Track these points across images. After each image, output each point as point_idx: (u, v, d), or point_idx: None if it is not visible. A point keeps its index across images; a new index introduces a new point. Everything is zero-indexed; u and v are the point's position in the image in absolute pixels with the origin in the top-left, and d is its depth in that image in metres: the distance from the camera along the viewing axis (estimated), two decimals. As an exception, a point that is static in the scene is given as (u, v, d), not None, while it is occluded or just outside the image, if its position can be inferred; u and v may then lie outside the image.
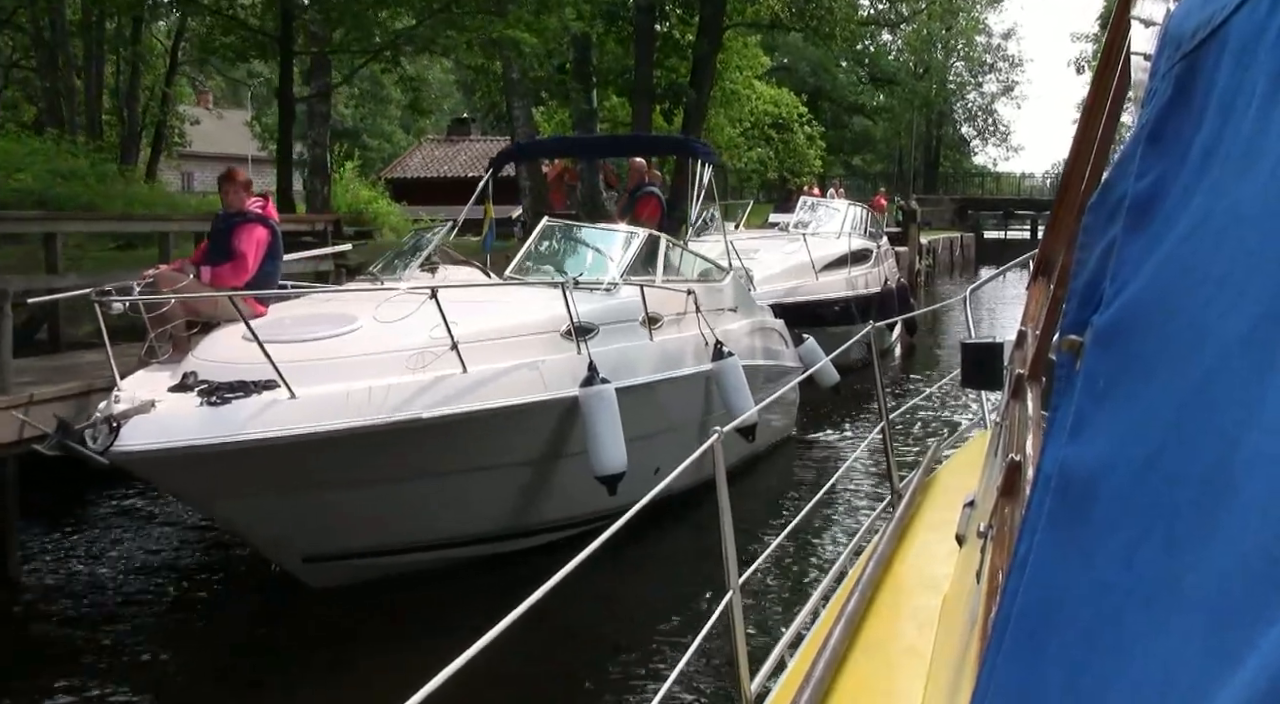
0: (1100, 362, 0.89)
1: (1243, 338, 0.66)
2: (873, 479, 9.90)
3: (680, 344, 8.39)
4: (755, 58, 32.96)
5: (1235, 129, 0.77)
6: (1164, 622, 0.65)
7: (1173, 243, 0.83)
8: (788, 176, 36.89)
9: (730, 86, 30.99)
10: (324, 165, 28.19)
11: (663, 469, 8.29)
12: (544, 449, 7.10)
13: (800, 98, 40.07)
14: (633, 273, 8.55)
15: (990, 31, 66.20)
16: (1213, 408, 0.68)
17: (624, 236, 8.64)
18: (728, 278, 9.91)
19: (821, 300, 14.75)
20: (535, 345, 6.99)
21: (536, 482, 7.25)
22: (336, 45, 17.17)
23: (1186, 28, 0.91)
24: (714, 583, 4.74)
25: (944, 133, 66.12)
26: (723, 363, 8.60)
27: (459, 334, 6.49)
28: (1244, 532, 0.58)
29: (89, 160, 23.44)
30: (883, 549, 4.02)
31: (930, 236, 37.48)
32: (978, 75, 67.63)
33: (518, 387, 6.64)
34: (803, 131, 38.07)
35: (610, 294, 7.92)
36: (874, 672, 3.13)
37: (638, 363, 7.74)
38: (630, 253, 8.36)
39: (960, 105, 68.42)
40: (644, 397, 7.70)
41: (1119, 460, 0.81)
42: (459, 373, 6.37)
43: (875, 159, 64.20)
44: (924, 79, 57.95)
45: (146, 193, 25.43)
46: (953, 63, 64.41)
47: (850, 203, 19.36)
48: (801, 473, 10.71)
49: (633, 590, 7.26)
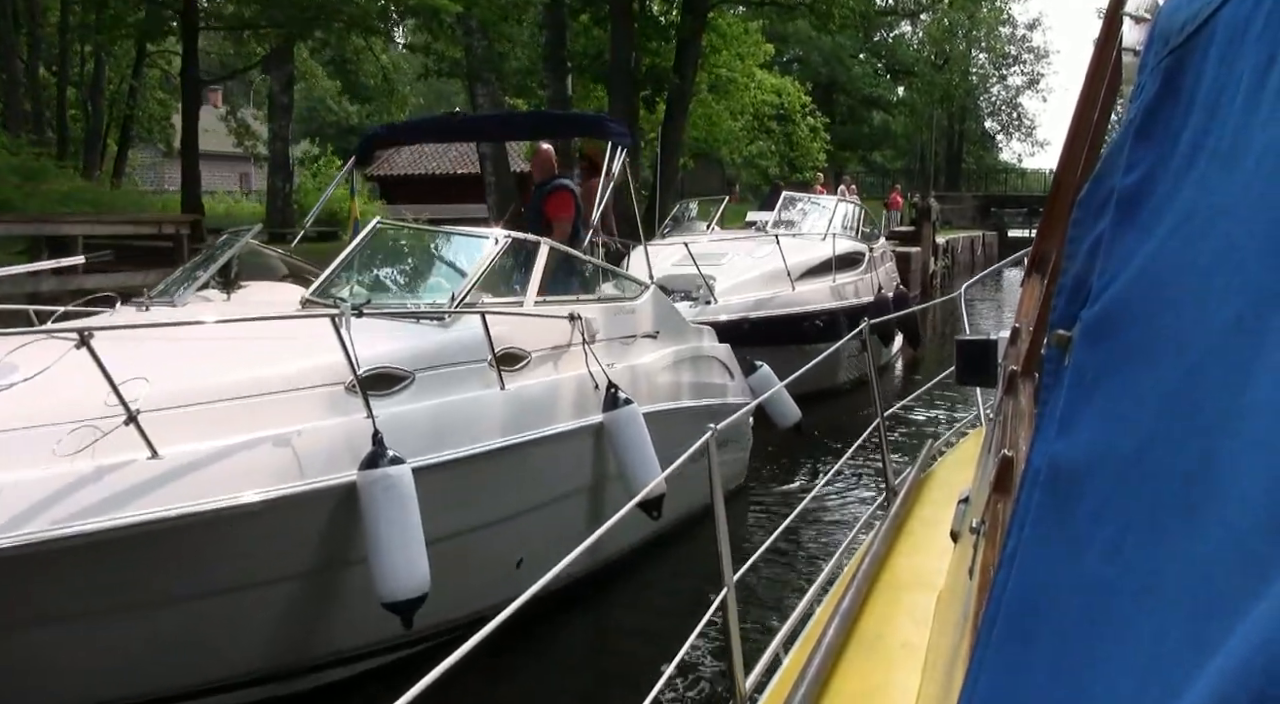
0: (1088, 356, 0.91)
1: (1228, 331, 0.67)
2: (868, 476, 9.56)
3: (551, 391, 6.16)
4: (757, 44, 30.53)
5: (1222, 123, 0.78)
6: (1148, 613, 0.66)
7: (1160, 237, 0.84)
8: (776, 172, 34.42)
9: (728, 74, 28.66)
10: (286, 161, 26.18)
11: (528, 560, 6.12)
12: (310, 560, 4.88)
13: (806, 87, 37.58)
14: (495, 292, 6.35)
15: (1014, 22, 63.79)
16: (1198, 401, 0.69)
17: (479, 244, 6.40)
18: (644, 296, 7.66)
19: (796, 314, 12.44)
20: (299, 406, 4.79)
21: (305, 604, 5.02)
22: (246, 21, 15.07)
23: (1175, 22, 0.93)
24: (709, 579, 4.68)
25: (966, 128, 63.62)
26: (616, 414, 6.37)
27: (163, 393, 4.33)
28: (1227, 524, 0.59)
29: (22, 157, 21.39)
30: (878, 546, 4.09)
31: (950, 235, 35.36)
32: (1001, 68, 65.25)
33: (250, 471, 4.43)
34: (805, 123, 35.44)
35: (444, 326, 5.71)
36: (869, 668, 3.15)
37: (474, 422, 5.53)
38: (482, 267, 6.13)
39: (984, 99, 66.02)
40: (483, 470, 5.50)
41: (1106, 454, 0.82)
42: (144, 458, 4.18)
43: (896, 155, 61.87)
44: (943, 70, 55.38)
45: (95, 193, 23.49)
46: (975, 55, 61.98)
47: (840, 199, 16.94)
48: (797, 469, 10.13)
49: (626, 586, 6.98)
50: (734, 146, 31.79)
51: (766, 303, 12.21)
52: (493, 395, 5.70)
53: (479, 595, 5.68)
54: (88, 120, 31.93)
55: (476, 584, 5.68)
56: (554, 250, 6.82)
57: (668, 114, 22.03)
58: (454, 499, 5.42)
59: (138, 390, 4.16)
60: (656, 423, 6.88)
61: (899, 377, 16.53)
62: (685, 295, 12.09)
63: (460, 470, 5.31)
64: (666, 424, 7.15)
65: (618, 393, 6.41)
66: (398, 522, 4.66)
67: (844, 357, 13.92)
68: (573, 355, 6.46)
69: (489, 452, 5.47)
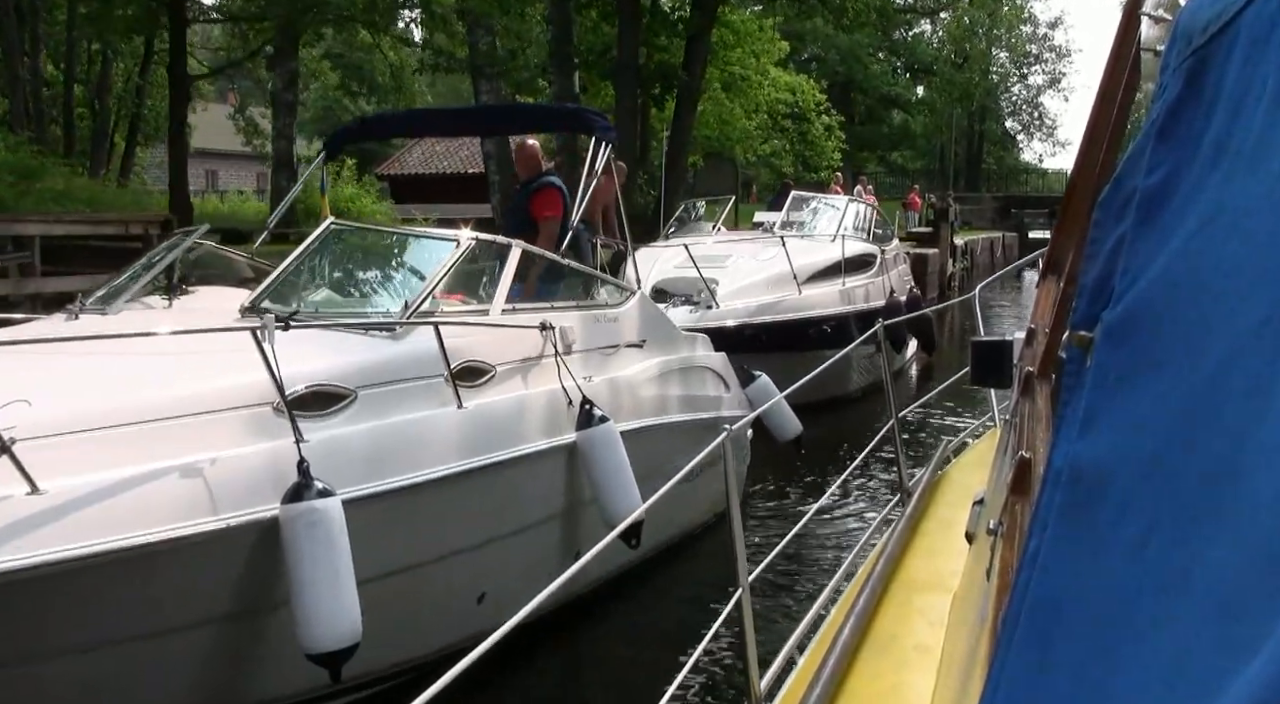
0: (1110, 356, 0.91)
1: (1252, 332, 0.67)
2: (883, 477, 9.45)
3: (517, 408, 5.61)
4: (771, 41, 29.90)
5: (1245, 124, 0.78)
6: (1174, 615, 0.66)
7: (1183, 238, 0.84)
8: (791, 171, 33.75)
9: (741, 72, 28.04)
10: (289, 159, 25.72)
11: (492, 595, 5.56)
12: (226, 606, 4.33)
13: (821, 85, 36.83)
14: (459, 299, 5.81)
15: (1036, 20, 62.97)
16: (1222, 402, 0.69)
17: (443, 247, 5.84)
18: (629, 302, 7.09)
19: (803, 319, 11.85)
20: (219, 430, 4.24)
21: (223, 653, 4.46)
22: (236, 12, 14.58)
23: (1198, 22, 0.92)
24: (724, 580, 4.69)
25: (987, 127, 62.81)
26: (590, 433, 5.81)
27: (52, 418, 3.80)
28: (1253, 525, 0.59)
29: (20, 155, 20.98)
30: (892, 547, 4.10)
31: (969, 237, 34.70)
32: (1022, 67, 64.43)
33: (150, 506, 3.89)
34: (820, 122, 34.66)
35: (395, 338, 5.16)
36: (884, 669, 3.14)
37: (425, 445, 4.97)
38: (440, 273, 5.57)
39: (1004, 98, 65.22)
40: (433, 498, 4.95)
41: (1129, 455, 0.82)
42: (21, 494, 3.64)
43: (916, 155, 61.16)
44: (963, 69, 54.57)
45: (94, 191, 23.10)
46: (996, 54, 61.20)
47: (851, 199, 16.27)
48: (811, 471, 9.80)
49: (642, 587, 6.90)
50: (748, 145, 31.11)
51: (771, 307, 11.62)
52: (448, 415, 5.14)
53: (435, 634, 5.15)
54: (94, 118, 31.62)
55: (431, 623, 5.14)
56: (527, 254, 6.27)
57: (676, 111, 21.41)
58: (400, 532, 4.87)
59: (16, 416, 3.63)
60: (639, 440, 6.33)
61: (914, 383, 15.90)
62: (686, 299, 11.53)
63: (404, 500, 4.75)
64: (651, 441, 6.60)
65: (592, 410, 5.85)
66: (324, 561, 4.11)
67: (855, 363, 13.34)
68: (544, 369, 5.91)
69: (438, 479, 4.91)
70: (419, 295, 5.33)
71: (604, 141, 7.33)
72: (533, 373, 5.83)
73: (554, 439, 5.70)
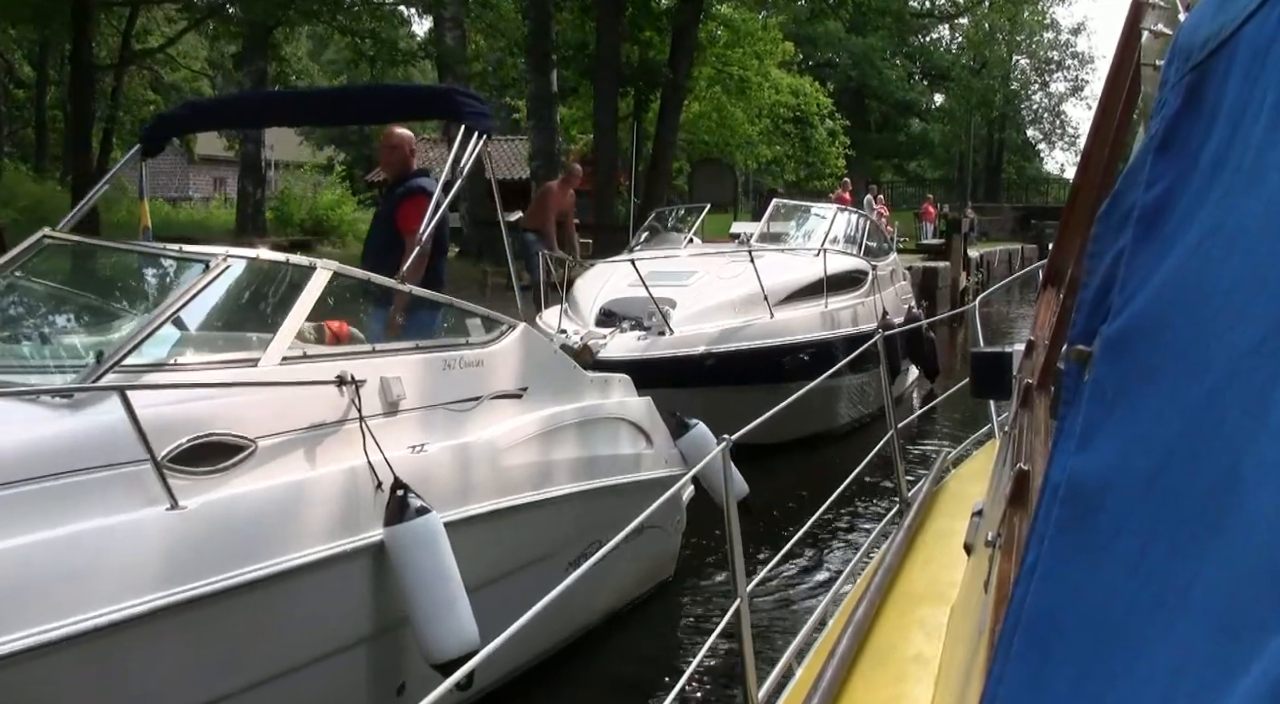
0: (1109, 371, 0.90)
1: (1251, 348, 0.66)
2: (881, 488, 9.11)
3: (284, 499, 3.92)
4: (775, 42, 28.20)
5: (1244, 140, 0.78)
6: (1171, 630, 0.66)
7: (1182, 253, 0.84)
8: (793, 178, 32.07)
9: (741, 72, 26.36)
10: (256, 163, 24.23)
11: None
12: None
13: (827, 89, 35.04)
14: (214, 346, 4.18)
15: (1058, 27, 61.07)
16: (1220, 418, 0.68)
17: (189, 271, 4.16)
18: (504, 339, 5.40)
19: (774, 347, 10.08)
20: None
21: None
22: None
23: (1197, 38, 0.93)
24: (722, 591, 4.57)
25: (1007, 136, 60.90)
26: (397, 530, 4.14)
27: None
28: (1250, 541, 0.59)
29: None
30: (891, 558, 4.10)
31: (987, 248, 33.03)
32: (1044, 74, 62.58)
33: None
34: (823, 127, 32.76)
35: (74, 408, 3.49)
36: (882, 681, 3.13)
37: (99, 572, 3.31)
38: (165, 313, 3.88)
39: (1025, 106, 63.34)
40: (116, 651, 3.29)
41: (1127, 469, 0.82)
42: None
43: (934, 165, 59.37)
44: (980, 75, 52.70)
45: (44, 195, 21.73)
46: (1016, 60, 59.37)
47: (840, 208, 14.49)
48: (809, 481, 9.26)
49: None
50: (749, 151, 29.37)
51: (735, 333, 9.85)
52: (152, 519, 3.47)
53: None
54: (67, 123, 30.22)
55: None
56: (340, 278, 4.61)
57: (661, 111, 19.72)
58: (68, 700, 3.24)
59: None
60: (503, 524, 4.71)
61: (916, 413, 14.19)
62: (636, 324, 9.80)
63: (51, 660, 3.10)
64: (524, 526, 4.96)
65: (407, 496, 4.17)
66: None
67: (845, 393, 11.65)
68: (344, 439, 4.24)
69: (125, 619, 3.26)
70: (121, 347, 3.64)
71: (475, 131, 5.66)
72: (323, 446, 4.15)
73: (342, 541, 4.03)
